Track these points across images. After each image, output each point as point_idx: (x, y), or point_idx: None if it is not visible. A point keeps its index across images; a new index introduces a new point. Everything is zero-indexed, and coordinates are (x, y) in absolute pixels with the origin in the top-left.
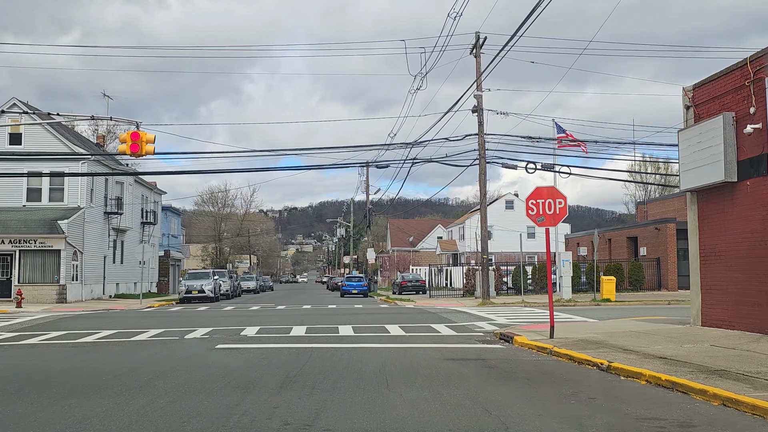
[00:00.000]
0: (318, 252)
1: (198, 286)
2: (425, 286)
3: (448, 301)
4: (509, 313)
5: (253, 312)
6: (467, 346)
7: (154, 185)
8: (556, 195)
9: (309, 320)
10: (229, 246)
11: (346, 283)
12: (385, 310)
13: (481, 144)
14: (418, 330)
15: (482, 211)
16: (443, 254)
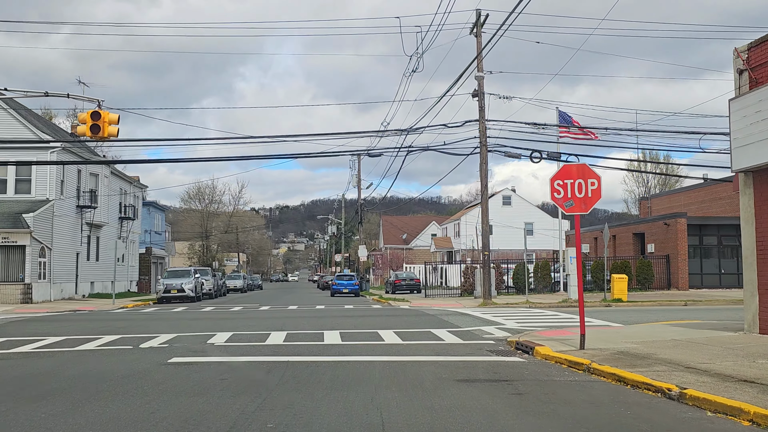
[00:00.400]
0: (310, 250)
1: (177, 284)
2: (420, 285)
3: (446, 302)
4: (517, 316)
5: (232, 314)
6: (480, 359)
7: (136, 179)
8: (587, 174)
9: (291, 324)
10: (217, 243)
11: (336, 282)
12: (378, 312)
13: (482, 131)
14: (417, 337)
15: (483, 204)
16: (438, 252)
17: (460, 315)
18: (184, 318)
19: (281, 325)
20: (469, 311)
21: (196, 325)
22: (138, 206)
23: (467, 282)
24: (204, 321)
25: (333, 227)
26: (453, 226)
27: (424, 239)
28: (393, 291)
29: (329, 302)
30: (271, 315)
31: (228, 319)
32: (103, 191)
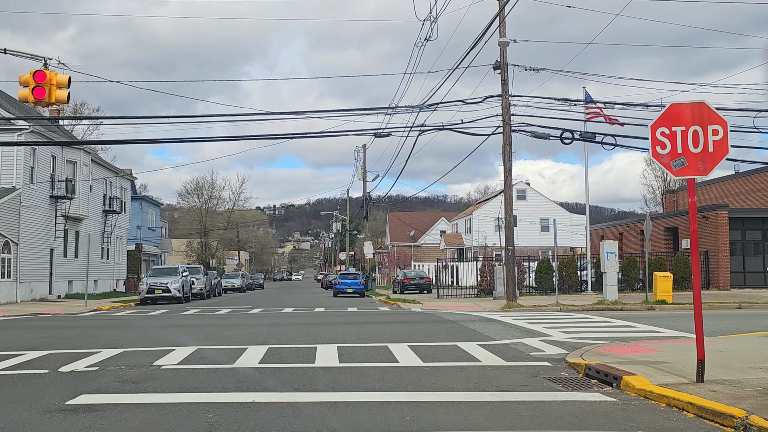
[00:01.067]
0: (315, 249)
1: (162, 284)
2: (431, 285)
3: (463, 303)
4: (556, 322)
5: (213, 319)
6: (546, 396)
7: (129, 172)
8: (708, 117)
9: (279, 334)
10: (217, 241)
11: (339, 281)
12: (387, 317)
13: (505, 107)
14: (442, 355)
15: (507, 192)
16: (448, 249)
17: (486, 321)
18: (152, 324)
19: (265, 337)
20: (495, 316)
21: (159, 335)
22: (126, 199)
23: (484, 281)
24: (174, 329)
25: (338, 224)
26: (464, 221)
27: (433, 236)
28: (401, 291)
29: (331, 304)
30: (258, 321)
31: (205, 326)
32: (82, 181)
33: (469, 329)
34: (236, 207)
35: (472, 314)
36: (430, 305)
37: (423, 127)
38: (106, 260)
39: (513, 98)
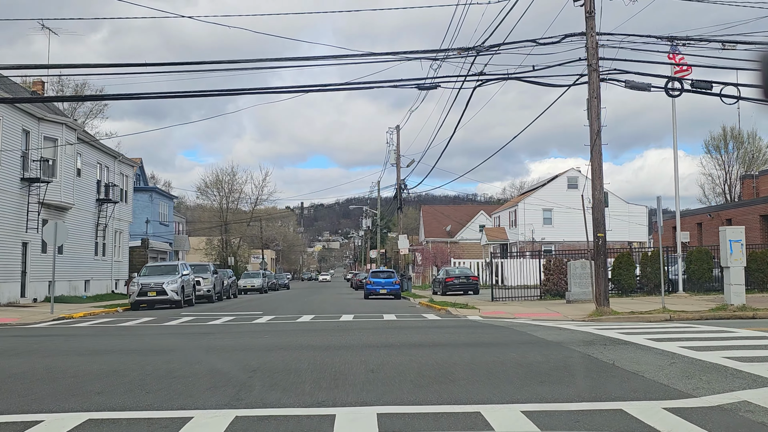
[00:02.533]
0: (345, 248)
1: (156, 284)
2: (477, 284)
3: (530, 308)
4: (711, 343)
5: (193, 337)
6: None
7: (138, 162)
8: None
9: (271, 371)
10: (239, 238)
11: (371, 281)
12: (444, 332)
13: (591, 48)
14: None
15: (594, 160)
16: (490, 245)
17: (607, 343)
18: (86, 348)
19: (245, 379)
20: (604, 331)
21: (62, 373)
22: (127, 188)
23: (549, 280)
24: (111, 357)
25: (367, 221)
26: (508, 214)
27: (471, 231)
28: (444, 291)
29: (361, 308)
30: (254, 340)
31: (167, 351)
32: (65, 163)
33: (601, 363)
34: (259, 202)
35: (564, 326)
36: (489, 311)
37: (482, 76)
38: (101, 257)
39: (601, 37)
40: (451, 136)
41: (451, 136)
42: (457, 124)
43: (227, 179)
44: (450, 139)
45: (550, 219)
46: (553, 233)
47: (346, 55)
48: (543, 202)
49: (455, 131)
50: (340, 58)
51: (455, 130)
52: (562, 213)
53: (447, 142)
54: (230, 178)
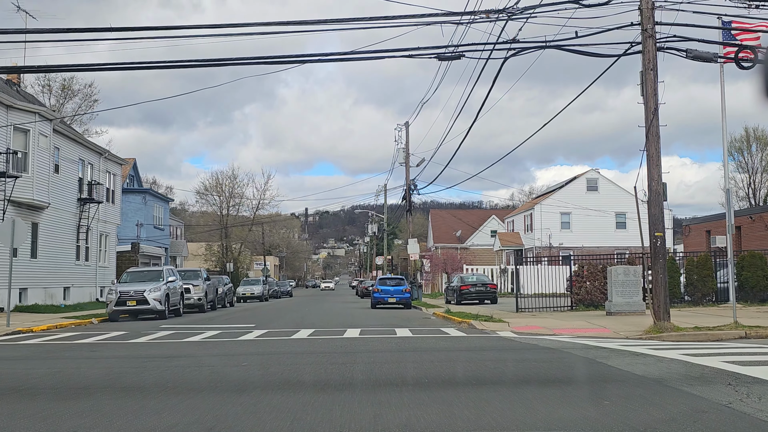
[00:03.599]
0: (350, 256)
1: (136, 292)
2: (495, 293)
3: (568, 322)
4: None
5: (161, 355)
6: None
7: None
8: None
9: (234, 422)
10: (240, 243)
11: (378, 289)
12: (475, 356)
13: (647, 10)
14: None
15: (651, 144)
16: (503, 250)
17: (742, 382)
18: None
19: None
20: (711, 360)
21: None
22: (114, 187)
23: (582, 289)
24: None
25: (374, 226)
26: (523, 218)
27: (483, 237)
28: (458, 300)
29: (369, 321)
30: (225, 370)
31: (100, 389)
32: (39, 156)
33: None
34: (261, 206)
35: (630, 349)
36: (521, 325)
37: (514, 44)
38: (83, 262)
39: None
40: (473, 122)
41: (472, 123)
42: (482, 104)
43: (228, 182)
44: (469, 130)
45: (568, 223)
46: (571, 238)
47: (354, 19)
48: (561, 205)
49: (477, 116)
50: (346, 21)
51: (477, 115)
52: (581, 217)
53: (466, 133)
54: (231, 182)
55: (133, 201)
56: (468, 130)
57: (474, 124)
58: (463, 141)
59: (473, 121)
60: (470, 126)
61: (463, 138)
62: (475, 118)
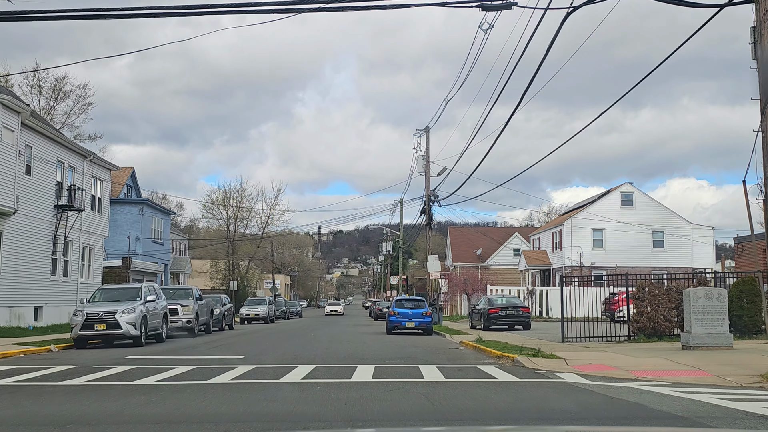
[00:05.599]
0: (364, 275)
1: (107, 315)
2: (529, 317)
3: (642, 359)
4: None
5: (52, 422)
6: None
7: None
8: None
9: None
10: (248, 260)
11: (395, 311)
12: (551, 429)
13: None
14: None
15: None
16: (529, 270)
17: None
18: None
19: None
20: None
21: None
22: (102, 195)
23: (643, 315)
24: None
25: (388, 244)
26: (551, 235)
27: (505, 255)
28: (486, 325)
29: (384, 350)
30: None
31: None
32: (2, 155)
33: None
34: (271, 221)
35: None
36: (582, 362)
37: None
38: (61, 278)
39: None
40: (512, 114)
41: (511, 115)
42: (528, 85)
43: (235, 196)
44: (496, 139)
45: (601, 241)
46: (604, 257)
47: None
48: (593, 221)
49: (520, 103)
50: None
51: (520, 101)
52: (615, 234)
53: (502, 128)
54: (239, 195)
55: (128, 212)
56: (495, 140)
57: (493, 136)
58: (490, 148)
59: (500, 130)
60: (497, 135)
61: (491, 146)
62: (503, 127)
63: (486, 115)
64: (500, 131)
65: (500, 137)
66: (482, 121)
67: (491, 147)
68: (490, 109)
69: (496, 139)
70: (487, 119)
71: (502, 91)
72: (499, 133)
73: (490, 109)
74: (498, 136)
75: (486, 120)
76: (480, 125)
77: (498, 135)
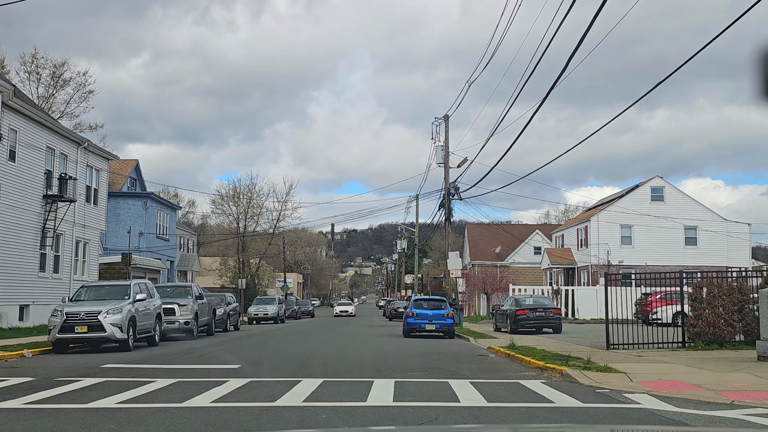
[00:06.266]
0: (377, 274)
1: (88, 315)
2: (560, 320)
3: (718, 373)
4: None
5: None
6: None
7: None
8: None
9: None
10: (259, 258)
11: (414, 312)
12: None
13: None
14: None
15: None
16: (552, 268)
17: None
18: None
19: None
20: None
21: None
22: (98, 186)
23: (702, 318)
24: None
25: (403, 242)
26: (576, 231)
27: (525, 254)
28: (514, 328)
29: (404, 358)
30: None
31: None
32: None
33: None
34: (282, 217)
35: None
36: (649, 378)
37: None
38: (51, 274)
39: None
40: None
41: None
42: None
43: (246, 191)
44: (531, 118)
45: (629, 238)
46: (633, 255)
47: None
48: (621, 217)
49: (547, 96)
50: None
51: (547, 95)
52: (644, 230)
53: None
54: (249, 190)
55: (132, 206)
56: (520, 132)
57: (506, 136)
58: (515, 140)
59: (526, 123)
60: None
61: (516, 138)
62: (529, 121)
63: (508, 108)
64: (525, 124)
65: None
66: (504, 114)
67: (516, 139)
68: (513, 101)
69: (521, 131)
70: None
71: (525, 85)
72: (525, 125)
73: (513, 101)
74: (523, 129)
75: (502, 120)
76: (502, 117)
77: (524, 127)
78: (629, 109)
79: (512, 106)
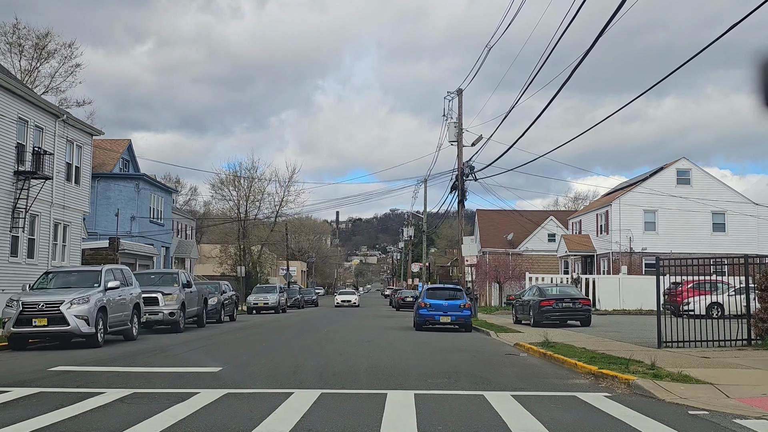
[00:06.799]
0: (382, 263)
1: (49, 305)
2: (589, 311)
3: None
4: None
5: None
6: None
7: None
8: None
9: None
10: (260, 245)
11: (427, 303)
12: None
13: None
14: None
15: None
16: (569, 256)
17: None
18: None
19: None
20: None
21: None
22: (80, 163)
23: None
24: None
25: (410, 230)
26: (595, 217)
27: (538, 241)
28: (537, 320)
29: (419, 358)
30: None
31: None
32: None
33: None
34: (285, 202)
35: None
36: (756, 395)
37: None
38: (24, 260)
39: None
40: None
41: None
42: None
43: (247, 175)
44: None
45: (653, 224)
46: (657, 242)
47: None
48: (644, 201)
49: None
50: None
51: (564, 84)
52: (669, 216)
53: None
54: (250, 174)
55: (123, 189)
56: (537, 116)
57: (514, 124)
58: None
59: (542, 110)
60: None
61: (534, 120)
62: (545, 107)
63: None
64: (540, 112)
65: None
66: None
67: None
68: (526, 88)
69: (536, 118)
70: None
71: (538, 72)
72: (541, 111)
73: (526, 88)
74: (539, 115)
75: (516, 104)
76: (516, 102)
77: (539, 114)
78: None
79: (524, 93)
